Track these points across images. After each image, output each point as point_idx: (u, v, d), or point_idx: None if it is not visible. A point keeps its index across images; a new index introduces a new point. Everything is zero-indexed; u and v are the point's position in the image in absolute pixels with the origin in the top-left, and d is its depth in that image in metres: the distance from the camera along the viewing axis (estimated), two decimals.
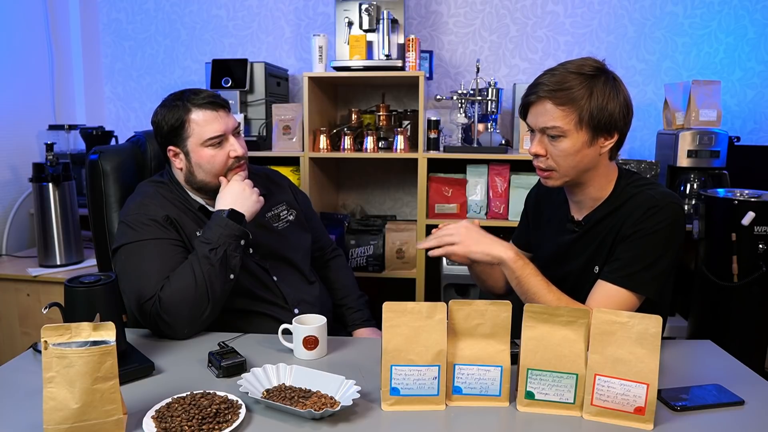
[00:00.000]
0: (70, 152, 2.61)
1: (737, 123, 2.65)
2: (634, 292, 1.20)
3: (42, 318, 2.14)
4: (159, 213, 1.39)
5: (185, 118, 1.40)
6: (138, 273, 1.32)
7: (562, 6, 2.67)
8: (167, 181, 1.49)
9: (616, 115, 1.19)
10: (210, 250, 1.31)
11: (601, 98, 1.17)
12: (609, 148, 1.23)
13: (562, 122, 1.18)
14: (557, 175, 1.26)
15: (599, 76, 1.19)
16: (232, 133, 1.44)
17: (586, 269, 1.30)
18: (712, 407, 1.02)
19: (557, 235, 1.38)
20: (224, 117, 1.42)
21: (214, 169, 1.42)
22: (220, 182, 1.43)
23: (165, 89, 2.94)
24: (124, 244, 1.37)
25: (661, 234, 1.19)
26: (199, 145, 1.40)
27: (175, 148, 1.44)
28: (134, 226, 1.37)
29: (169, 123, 1.41)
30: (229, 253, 1.33)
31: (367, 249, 2.41)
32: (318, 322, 1.23)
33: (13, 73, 2.52)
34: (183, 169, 1.45)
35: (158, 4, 2.90)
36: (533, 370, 1.01)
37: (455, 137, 2.49)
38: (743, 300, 1.99)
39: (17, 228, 2.55)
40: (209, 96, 1.43)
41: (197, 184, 1.45)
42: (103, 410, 0.87)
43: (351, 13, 2.38)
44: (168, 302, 1.27)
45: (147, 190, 1.45)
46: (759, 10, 2.58)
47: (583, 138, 1.20)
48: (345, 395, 1.00)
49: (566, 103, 1.18)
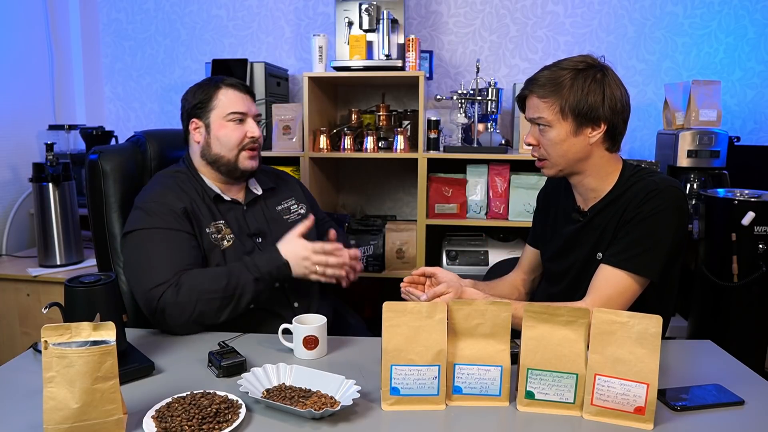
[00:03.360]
0: (70, 152, 2.61)
1: (737, 123, 2.65)
2: (636, 274, 1.21)
3: (42, 318, 2.14)
4: (177, 205, 1.41)
5: (214, 93, 1.49)
6: (148, 260, 1.34)
7: (562, 6, 2.67)
8: (184, 169, 1.53)
9: (598, 104, 1.24)
10: (254, 279, 1.34)
11: (582, 89, 1.23)
12: (599, 138, 1.27)
13: (546, 113, 1.27)
14: (549, 163, 1.33)
15: (586, 70, 1.25)
16: (253, 118, 1.52)
17: (590, 258, 1.31)
18: (712, 407, 1.02)
19: (563, 226, 1.42)
20: (249, 101, 1.53)
21: (230, 143, 1.48)
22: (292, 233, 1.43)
23: (165, 89, 2.94)
24: (139, 229, 1.38)
25: (662, 216, 1.22)
26: (222, 118, 1.48)
27: (198, 121, 1.50)
28: (151, 212, 1.39)
29: (198, 97, 1.50)
30: (262, 288, 1.36)
31: (367, 249, 2.41)
32: (318, 322, 1.24)
33: (13, 73, 2.52)
34: (200, 142, 1.50)
35: (158, 4, 2.90)
36: (533, 369, 1.01)
37: (455, 137, 2.49)
38: (743, 300, 1.99)
39: (17, 228, 2.55)
40: (240, 82, 1.54)
41: (212, 157, 1.49)
42: (103, 410, 0.87)
43: (351, 13, 2.38)
44: (187, 292, 1.29)
45: (166, 181, 1.48)
46: (759, 10, 2.58)
47: (568, 127, 1.26)
48: (345, 395, 1.00)
49: (548, 95, 1.26)
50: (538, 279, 1.58)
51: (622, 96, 1.27)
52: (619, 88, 1.27)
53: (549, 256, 1.45)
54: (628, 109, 1.29)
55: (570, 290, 1.36)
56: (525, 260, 1.59)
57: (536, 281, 1.58)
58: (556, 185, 1.49)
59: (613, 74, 1.27)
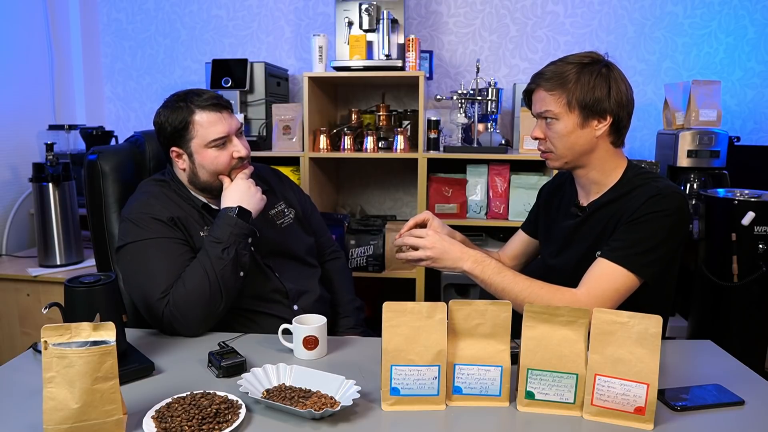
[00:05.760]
0: (70, 152, 2.61)
1: (737, 123, 2.65)
2: (632, 272, 1.22)
3: (42, 318, 2.14)
4: (164, 213, 1.39)
5: (189, 119, 1.40)
6: (146, 272, 1.33)
7: (562, 6, 2.67)
8: (169, 180, 1.49)
9: (603, 97, 1.26)
10: (222, 250, 1.32)
11: (588, 82, 1.26)
12: (604, 131, 1.29)
13: (554, 106, 1.28)
14: (554, 156, 1.34)
15: (592, 65, 1.28)
16: (235, 134, 1.44)
17: (587, 255, 1.32)
18: (712, 407, 1.02)
19: (563, 220, 1.43)
20: (228, 118, 1.43)
21: (218, 170, 1.43)
22: (222, 181, 1.43)
23: (165, 89, 2.94)
24: (130, 243, 1.37)
25: (665, 220, 1.22)
26: (203, 147, 1.41)
27: (179, 149, 1.44)
28: (139, 224, 1.37)
29: (172, 124, 1.41)
30: (239, 251, 1.34)
31: (367, 249, 2.41)
32: (318, 322, 1.23)
33: (13, 73, 2.52)
34: (186, 169, 1.45)
35: (158, 4, 2.90)
36: (533, 370, 1.01)
37: (455, 137, 2.49)
38: (743, 300, 1.99)
39: (17, 228, 2.55)
40: (213, 97, 1.43)
41: (201, 185, 1.46)
42: (103, 410, 0.87)
43: (351, 13, 2.38)
44: (182, 303, 1.29)
45: (151, 190, 1.45)
46: (759, 10, 2.58)
47: (575, 120, 1.28)
48: (345, 395, 1.00)
49: (555, 88, 1.28)
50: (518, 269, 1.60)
51: (627, 90, 1.29)
52: (624, 82, 1.29)
53: (551, 251, 1.46)
54: (632, 103, 1.31)
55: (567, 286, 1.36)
56: (512, 245, 1.63)
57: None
58: (561, 181, 1.51)
59: (617, 69, 1.30)
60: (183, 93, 1.44)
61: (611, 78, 1.27)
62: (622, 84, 1.28)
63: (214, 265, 1.31)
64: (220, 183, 1.44)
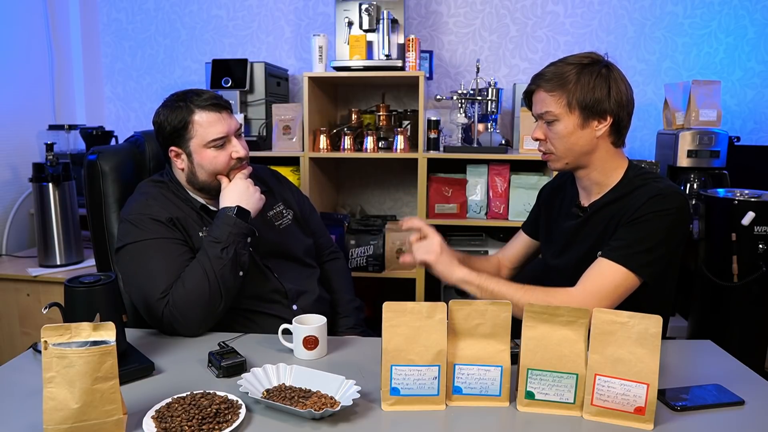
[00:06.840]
0: (70, 152, 2.61)
1: (737, 123, 2.65)
2: (631, 271, 1.22)
3: (42, 318, 2.14)
4: (162, 214, 1.39)
5: (188, 119, 1.40)
6: (145, 272, 1.33)
7: (562, 6, 2.67)
8: (168, 180, 1.49)
9: (603, 98, 1.26)
10: (221, 250, 1.32)
11: (589, 83, 1.26)
12: (605, 132, 1.29)
13: (554, 106, 1.28)
14: (555, 157, 1.34)
15: (592, 65, 1.28)
16: (234, 135, 1.44)
17: (589, 255, 1.32)
18: (712, 407, 1.02)
19: (564, 221, 1.43)
20: (227, 118, 1.43)
21: (216, 170, 1.42)
22: (221, 181, 1.43)
23: (165, 89, 2.94)
24: (129, 243, 1.37)
25: (665, 220, 1.23)
26: (202, 147, 1.41)
27: (177, 149, 1.44)
28: (138, 224, 1.37)
29: (171, 124, 1.41)
30: (238, 250, 1.35)
31: (367, 249, 2.41)
32: (318, 322, 1.23)
33: (13, 73, 2.52)
34: (185, 169, 1.45)
35: (158, 4, 2.90)
36: (533, 370, 1.01)
37: (455, 137, 2.49)
38: (743, 300, 1.99)
39: (17, 228, 2.55)
40: (212, 97, 1.42)
41: (199, 185, 1.45)
42: (103, 410, 0.87)
43: (351, 13, 2.38)
44: (182, 303, 1.29)
45: (150, 191, 1.45)
46: (759, 10, 2.58)
47: (575, 121, 1.28)
48: (345, 395, 1.00)
49: (556, 89, 1.28)
50: (516, 274, 1.62)
51: (627, 90, 1.29)
52: (624, 82, 1.29)
53: (552, 253, 1.46)
54: (632, 104, 1.31)
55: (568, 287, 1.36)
56: (512, 246, 1.63)
57: (514, 279, 1.59)
58: (562, 182, 1.51)
59: (617, 70, 1.30)
60: (182, 93, 1.44)
61: (611, 78, 1.27)
62: (622, 84, 1.28)
63: (213, 265, 1.31)
64: (218, 183, 1.44)
